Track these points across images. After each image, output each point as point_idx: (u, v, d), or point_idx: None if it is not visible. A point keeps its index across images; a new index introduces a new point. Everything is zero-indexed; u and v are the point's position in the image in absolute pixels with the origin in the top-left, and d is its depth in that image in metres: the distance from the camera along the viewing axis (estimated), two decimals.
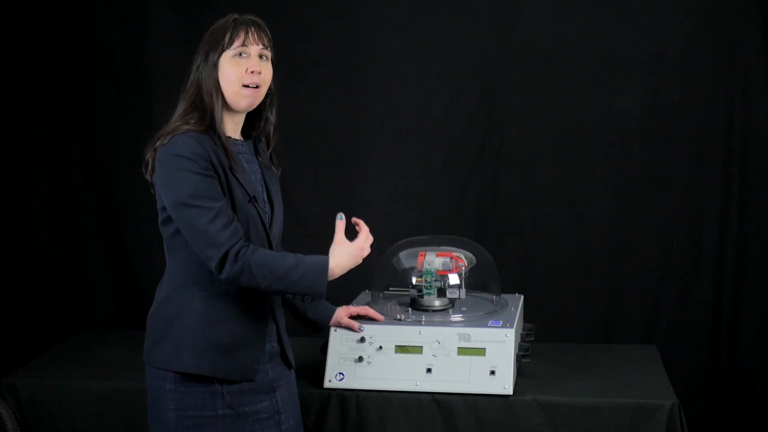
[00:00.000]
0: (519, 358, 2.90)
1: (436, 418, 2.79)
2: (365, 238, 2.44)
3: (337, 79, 3.90)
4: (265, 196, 2.50)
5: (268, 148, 2.54)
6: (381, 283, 3.13)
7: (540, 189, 3.84)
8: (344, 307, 2.89)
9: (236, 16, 2.41)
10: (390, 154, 3.93)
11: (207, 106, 2.37)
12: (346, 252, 2.40)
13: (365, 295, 3.22)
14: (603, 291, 3.84)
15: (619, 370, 3.04)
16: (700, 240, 3.77)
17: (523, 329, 3.10)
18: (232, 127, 2.45)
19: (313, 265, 2.34)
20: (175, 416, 2.40)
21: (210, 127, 2.36)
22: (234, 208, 2.35)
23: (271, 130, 2.52)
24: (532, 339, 3.09)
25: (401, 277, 3.05)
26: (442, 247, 3.01)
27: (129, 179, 4.03)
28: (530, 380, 2.91)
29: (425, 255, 2.95)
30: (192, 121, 2.36)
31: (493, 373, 2.78)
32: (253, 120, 2.51)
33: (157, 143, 2.36)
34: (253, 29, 2.38)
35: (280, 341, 2.53)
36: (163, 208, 2.38)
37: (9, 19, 3.92)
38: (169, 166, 2.31)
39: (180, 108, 2.43)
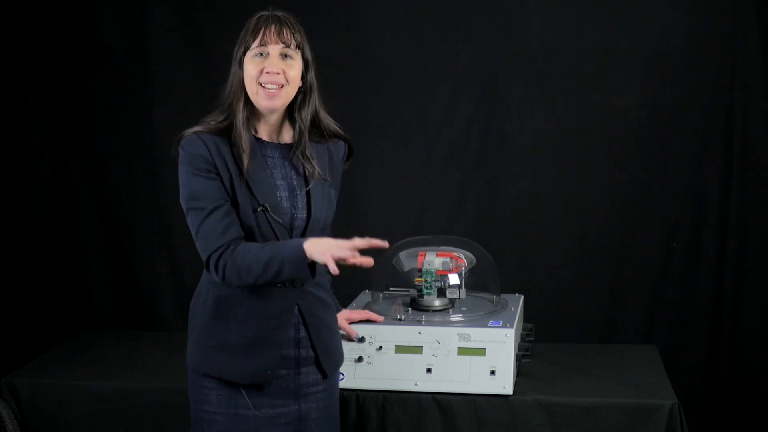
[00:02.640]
0: (519, 358, 2.90)
1: (436, 418, 2.79)
2: (351, 245, 2.22)
3: (337, 79, 3.90)
4: (299, 203, 2.38)
5: (297, 148, 2.38)
6: (381, 283, 3.13)
7: (540, 189, 3.84)
8: (345, 311, 2.87)
9: (264, 12, 2.34)
10: (390, 154, 3.93)
11: (232, 106, 2.33)
12: (324, 242, 2.23)
13: (365, 295, 3.22)
14: (603, 291, 3.84)
15: (619, 370, 3.03)
16: (700, 240, 3.77)
17: (523, 329, 3.10)
18: (266, 128, 2.38)
19: (289, 253, 2.22)
20: (193, 409, 2.40)
21: (230, 127, 2.31)
22: (238, 214, 2.30)
23: (298, 132, 2.38)
24: (532, 339, 3.09)
25: (401, 277, 3.05)
26: (442, 247, 3.01)
27: (129, 179, 4.03)
28: (530, 380, 2.90)
29: (425, 255, 2.95)
30: (213, 120, 2.33)
31: (493, 373, 2.78)
32: (291, 120, 2.42)
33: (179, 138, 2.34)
34: (273, 27, 2.30)
35: (314, 348, 2.41)
36: None
37: (9, 19, 3.92)
38: (179, 163, 2.31)
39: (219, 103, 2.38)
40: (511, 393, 2.77)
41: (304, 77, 2.38)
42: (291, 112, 2.40)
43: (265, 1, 2.46)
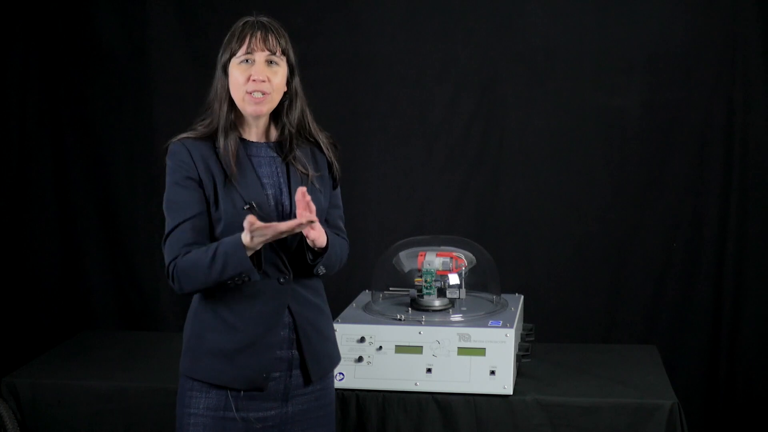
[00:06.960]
0: (519, 358, 2.90)
1: (436, 418, 2.79)
2: (290, 224, 2.16)
3: (337, 79, 3.90)
4: (285, 201, 2.35)
5: (290, 153, 2.37)
6: (381, 283, 3.13)
7: (540, 189, 3.84)
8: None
9: (249, 18, 2.33)
10: (390, 154, 3.93)
11: (215, 111, 2.35)
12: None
13: (365, 295, 3.22)
14: (603, 291, 3.84)
15: (619, 370, 3.04)
16: (700, 240, 3.77)
17: (523, 329, 3.10)
18: (253, 129, 2.37)
19: (229, 246, 2.20)
20: (179, 414, 2.38)
21: (215, 131, 2.32)
22: (224, 214, 2.28)
23: (288, 136, 2.38)
24: (532, 339, 3.09)
25: (401, 277, 3.05)
26: (442, 247, 3.01)
27: (129, 179, 4.03)
28: (530, 380, 2.91)
29: (425, 255, 2.96)
30: (201, 125, 2.35)
31: (493, 373, 2.78)
32: (277, 122, 2.41)
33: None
34: (259, 34, 2.29)
35: (300, 351, 2.36)
36: None
37: (9, 18, 3.92)
38: (166, 170, 2.32)
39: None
40: (511, 393, 2.77)
41: (289, 82, 2.36)
42: (275, 114, 2.39)
43: (266, 1, 2.46)
